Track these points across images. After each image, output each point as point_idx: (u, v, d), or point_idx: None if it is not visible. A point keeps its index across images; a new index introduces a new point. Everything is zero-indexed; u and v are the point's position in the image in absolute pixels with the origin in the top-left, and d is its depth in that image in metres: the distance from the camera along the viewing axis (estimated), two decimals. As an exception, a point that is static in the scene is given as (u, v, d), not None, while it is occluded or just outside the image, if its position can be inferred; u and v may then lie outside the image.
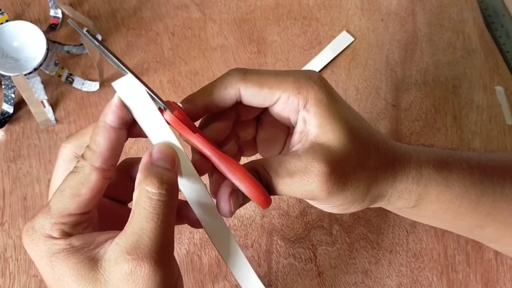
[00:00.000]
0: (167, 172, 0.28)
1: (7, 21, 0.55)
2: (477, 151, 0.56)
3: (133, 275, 0.25)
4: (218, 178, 0.32)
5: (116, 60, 0.28)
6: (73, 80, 0.56)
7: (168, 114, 0.29)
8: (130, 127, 0.29)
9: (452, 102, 0.58)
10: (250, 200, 0.31)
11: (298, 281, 0.51)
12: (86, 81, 0.56)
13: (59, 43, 0.57)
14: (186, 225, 0.50)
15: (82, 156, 0.28)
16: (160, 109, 0.29)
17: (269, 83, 0.31)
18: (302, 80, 0.31)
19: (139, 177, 0.27)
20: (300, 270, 0.51)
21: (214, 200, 0.31)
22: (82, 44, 0.57)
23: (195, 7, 0.61)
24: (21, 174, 0.53)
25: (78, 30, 0.27)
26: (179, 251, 0.51)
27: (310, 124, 0.31)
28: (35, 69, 0.52)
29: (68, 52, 0.57)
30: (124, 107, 0.28)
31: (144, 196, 0.27)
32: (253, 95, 0.31)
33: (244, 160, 0.34)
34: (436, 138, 0.56)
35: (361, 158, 0.31)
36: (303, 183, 0.30)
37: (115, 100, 0.28)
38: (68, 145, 0.30)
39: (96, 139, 0.28)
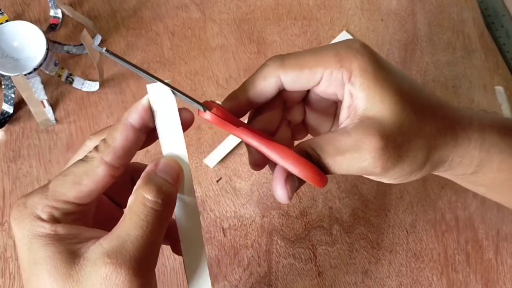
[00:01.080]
0: (168, 185, 0.27)
1: (7, 21, 0.55)
2: None
3: (108, 280, 0.24)
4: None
5: (146, 74, 0.28)
6: (73, 80, 0.56)
7: (208, 114, 0.29)
8: (148, 135, 0.29)
9: (452, 102, 0.58)
10: (305, 182, 0.30)
11: (298, 281, 0.51)
12: (86, 81, 0.56)
13: (59, 43, 0.57)
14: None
15: (95, 148, 0.28)
16: (199, 111, 0.29)
17: (309, 63, 0.30)
18: (343, 51, 0.29)
19: (139, 182, 0.27)
20: (300, 270, 0.51)
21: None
22: (82, 44, 0.57)
23: (195, 7, 0.61)
24: (21, 174, 0.53)
25: (99, 49, 0.26)
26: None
27: (357, 97, 0.29)
28: (35, 69, 0.52)
29: (68, 52, 0.57)
30: (150, 110, 0.28)
31: (139, 202, 0.26)
32: (294, 79, 0.30)
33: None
34: (436, 138, 0.56)
35: (417, 126, 0.29)
36: (356, 161, 0.28)
37: (143, 101, 0.28)
38: (94, 137, 0.29)
39: (114, 134, 0.27)
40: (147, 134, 0.29)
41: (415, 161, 0.30)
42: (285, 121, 0.34)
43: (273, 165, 0.32)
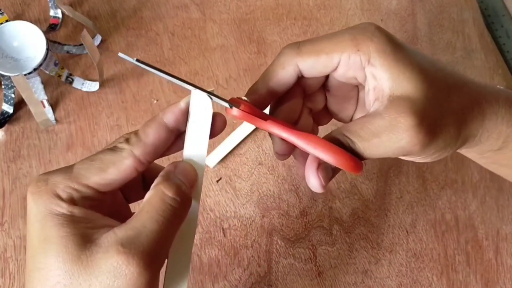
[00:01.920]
0: (185, 186, 0.28)
1: (7, 21, 0.55)
2: None
3: (118, 269, 0.24)
4: (303, 160, 0.31)
5: (180, 82, 0.28)
6: (73, 80, 0.56)
7: (235, 110, 0.29)
8: (175, 139, 0.29)
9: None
10: (340, 170, 0.30)
11: (298, 281, 0.51)
12: (86, 81, 0.56)
13: (59, 43, 0.57)
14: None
15: (126, 140, 0.28)
16: (227, 108, 0.29)
17: (325, 48, 0.30)
18: (359, 35, 0.29)
19: (158, 179, 0.27)
20: (300, 270, 0.51)
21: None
22: (82, 44, 0.57)
23: (195, 7, 0.61)
24: (21, 174, 0.53)
25: (129, 59, 0.26)
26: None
27: (381, 78, 0.29)
28: (35, 69, 0.52)
29: (68, 52, 0.57)
30: (185, 114, 0.29)
31: (158, 197, 0.26)
32: (312, 66, 0.30)
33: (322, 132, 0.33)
34: (436, 138, 0.56)
35: (444, 102, 0.29)
36: (393, 141, 0.28)
37: (181, 104, 0.28)
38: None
39: (147, 129, 0.28)
40: (175, 138, 0.29)
41: (448, 136, 0.29)
42: (306, 109, 0.34)
43: (299, 154, 0.32)
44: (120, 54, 0.26)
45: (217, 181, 0.54)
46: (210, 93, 0.29)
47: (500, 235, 0.53)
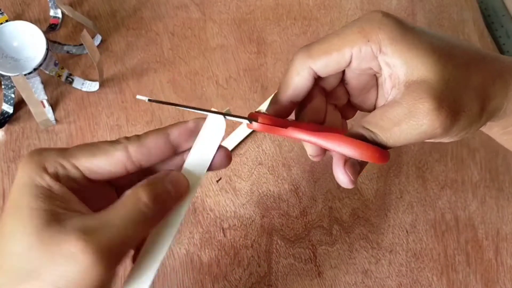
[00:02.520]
0: (168, 196, 0.28)
1: (7, 21, 0.55)
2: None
3: (74, 254, 0.24)
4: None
5: (197, 110, 0.29)
6: (73, 80, 0.56)
7: (255, 124, 0.30)
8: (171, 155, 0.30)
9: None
10: (368, 162, 0.30)
11: (298, 281, 0.51)
12: (86, 81, 0.56)
13: (59, 43, 0.57)
14: (185, 225, 0.51)
15: (127, 138, 0.28)
16: (248, 124, 0.30)
17: (335, 45, 0.30)
18: (366, 25, 0.29)
19: (142, 181, 0.27)
20: (300, 270, 0.51)
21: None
22: (82, 44, 0.57)
23: (195, 7, 0.61)
24: (21, 174, 0.53)
25: (142, 98, 0.27)
26: (179, 251, 0.51)
27: (395, 65, 0.29)
28: (35, 69, 0.52)
29: (68, 52, 0.57)
30: (192, 134, 0.29)
31: (133, 197, 0.26)
32: (325, 65, 0.30)
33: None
34: (436, 138, 0.56)
35: (464, 80, 0.29)
36: (414, 128, 0.28)
37: (190, 125, 0.29)
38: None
39: (149, 133, 0.29)
40: (171, 154, 0.30)
41: (472, 114, 0.29)
42: (331, 105, 0.34)
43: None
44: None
45: (217, 181, 0.54)
46: (226, 114, 0.30)
47: (500, 235, 0.53)
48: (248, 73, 0.58)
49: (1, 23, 0.54)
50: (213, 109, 0.30)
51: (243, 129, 0.55)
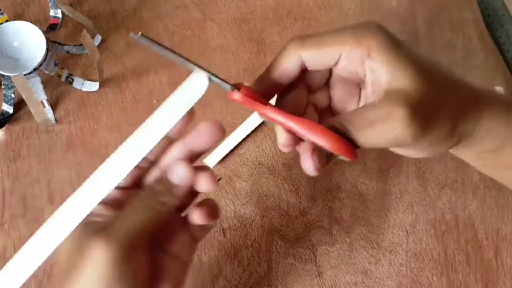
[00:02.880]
0: (170, 189, 0.31)
1: (7, 21, 0.55)
2: None
3: (95, 246, 0.28)
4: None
5: (184, 60, 0.30)
6: (73, 80, 0.56)
7: (236, 93, 0.30)
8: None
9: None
10: (336, 156, 0.31)
11: (298, 281, 0.51)
12: (86, 81, 0.56)
13: (59, 43, 0.57)
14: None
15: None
16: (230, 92, 0.31)
17: (328, 41, 0.31)
18: (361, 30, 0.30)
19: (153, 180, 0.32)
20: (300, 270, 0.51)
21: None
22: (82, 44, 0.57)
23: (195, 7, 0.61)
24: (21, 174, 0.53)
25: (134, 36, 0.28)
26: (179, 251, 0.51)
27: (379, 72, 0.30)
28: (35, 69, 0.52)
29: (68, 52, 0.57)
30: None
31: (146, 193, 0.31)
32: (315, 57, 0.31)
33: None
34: (436, 138, 0.56)
35: (441, 98, 0.30)
36: (386, 131, 0.29)
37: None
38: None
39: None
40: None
41: (443, 130, 0.30)
42: (311, 105, 0.35)
43: (304, 148, 0.32)
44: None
45: (217, 181, 0.54)
46: (213, 74, 0.30)
47: (500, 235, 0.53)
48: (248, 73, 0.58)
49: (1, 23, 0.54)
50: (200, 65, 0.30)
51: (243, 129, 0.55)
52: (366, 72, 0.31)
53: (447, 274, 0.52)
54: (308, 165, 0.30)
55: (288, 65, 0.32)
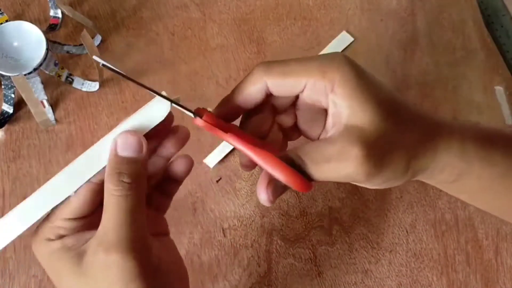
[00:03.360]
0: (128, 164, 0.30)
1: (7, 21, 0.55)
2: None
3: (105, 262, 0.28)
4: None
5: (146, 89, 0.32)
6: (73, 80, 0.56)
7: (198, 120, 0.31)
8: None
9: (452, 102, 0.58)
10: (290, 188, 0.31)
11: (298, 281, 0.51)
12: (86, 81, 0.56)
13: (59, 43, 0.57)
14: (185, 225, 0.51)
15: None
16: (193, 118, 0.32)
17: (293, 71, 0.31)
18: (327, 62, 0.31)
19: (105, 173, 0.30)
20: (300, 270, 0.51)
21: None
22: (82, 44, 0.57)
23: (195, 7, 0.61)
24: (21, 174, 0.53)
25: (99, 60, 0.28)
26: (179, 251, 0.51)
27: (341, 106, 0.30)
28: (35, 69, 0.52)
29: (68, 52, 0.57)
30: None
31: (107, 193, 0.29)
32: (279, 85, 0.32)
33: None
34: (436, 138, 0.56)
35: (397, 136, 0.31)
36: (340, 168, 0.30)
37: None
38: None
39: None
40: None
41: (397, 169, 0.31)
42: (276, 124, 0.35)
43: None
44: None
45: (217, 181, 0.54)
46: (174, 102, 0.31)
47: (500, 235, 0.53)
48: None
49: (1, 23, 0.54)
50: (163, 93, 0.31)
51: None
52: (329, 104, 0.32)
53: (447, 274, 0.52)
54: (262, 196, 0.31)
55: (253, 90, 0.32)
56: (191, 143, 0.56)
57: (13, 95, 0.54)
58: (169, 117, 0.33)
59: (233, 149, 0.54)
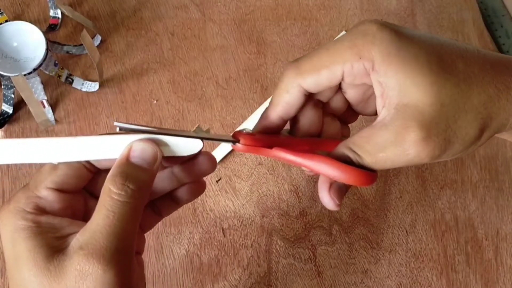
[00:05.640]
0: (138, 172, 0.27)
1: (6, 21, 0.55)
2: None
3: (82, 271, 0.24)
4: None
5: (172, 136, 0.28)
6: (72, 80, 0.56)
7: (238, 147, 0.29)
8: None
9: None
10: (352, 185, 0.29)
11: (297, 281, 0.51)
12: (86, 81, 0.56)
13: (59, 43, 0.57)
14: (185, 225, 0.51)
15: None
16: (232, 145, 0.30)
17: (325, 62, 0.28)
18: (359, 40, 0.27)
19: (108, 174, 0.27)
20: (299, 270, 0.51)
21: None
22: (81, 44, 0.57)
23: (194, 8, 0.61)
24: (21, 174, 0.53)
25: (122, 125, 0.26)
26: (179, 251, 0.51)
27: (387, 85, 0.27)
28: (34, 70, 0.52)
29: (67, 52, 0.57)
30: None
31: (105, 194, 0.26)
32: (315, 83, 0.29)
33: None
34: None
35: (462, 100, 0.26)
36: (399, 155, 0.26)
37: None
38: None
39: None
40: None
41: (467, 138, 0.27)
42: (329, 115, 0.33)
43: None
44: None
45: (217, 181, 0.54)
46: (207, 138, 0.29)
47: (500, 235, 0.53)
48: (248, 74, 0.58)
49: (1, 23, 0.54)
50: (191, 132, 0.29)
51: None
52: (374, 85, 0.28)
53: (446, 274, 0.52)
54: (328, 202, 0.29)
55: (291, 98, 0.29)
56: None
57: (12, 95, 0.54)
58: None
59: (233, 150, 0.54)
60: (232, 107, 0.56)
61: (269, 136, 0.31)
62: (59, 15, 0.57)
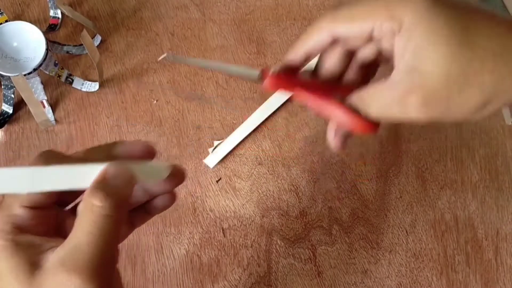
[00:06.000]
0: (118, 186, 0.27)
1: (6, 21, 0.55)
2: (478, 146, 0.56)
3: (64, 286, 0.25)
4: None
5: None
6: (72, 80, 0.56)
7: (266, 82, 0.32)
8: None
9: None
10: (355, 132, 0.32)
11: (297, 281, 0.51)
12: (86, 81, 0.56)
13: (59, 44, 0.57)
14: (185, 225, 0.51)
15: None
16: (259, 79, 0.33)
17: (360, 14, 0.29)
18: (394, 1, 0.28)
19: (88, 189, 0.27)
20: (299, 270, 0.51)
21: None
22: (81, 45, 0.57)
23: (194, 8, 0.61)
24: None
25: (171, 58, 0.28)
26: (179, 251, 0.51)
27: (406, 48, 0.28)
28: (34, 70, 0.52)
29: (67, 52, 0.57)
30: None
31: (87, 208, 0.26)
32: (346, 32, 0.30)
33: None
34: (436, 138, 0.56)
35: (471, 76, 0.26)
36: (401, 114, 0.28)
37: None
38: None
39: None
40: None
41: (468, 109, 0.28)
42: (355, 64, 0.33)
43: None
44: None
45: (217, 181, 0.54)
46: (235, 74, 0.33)
47: (500, 235, 0.53)
48: (248, 73, 0.58)
49: (1, 23, 0.54)
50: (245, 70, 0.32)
51: (243, 129, 0.55)
52: (395, 44, 0.29)
53: (446, 274, 0.52)
54: (332, 144, 0.32)
55: (320, 38, 0.31)
56: (191, 143, 0.55)
57: (12, 95, 0.54)
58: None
59: (233, 149, 0.54)
60: (232, 107, 0.56)
61: (292, 77, 0.33)
62: (59, 15, 0.58)
